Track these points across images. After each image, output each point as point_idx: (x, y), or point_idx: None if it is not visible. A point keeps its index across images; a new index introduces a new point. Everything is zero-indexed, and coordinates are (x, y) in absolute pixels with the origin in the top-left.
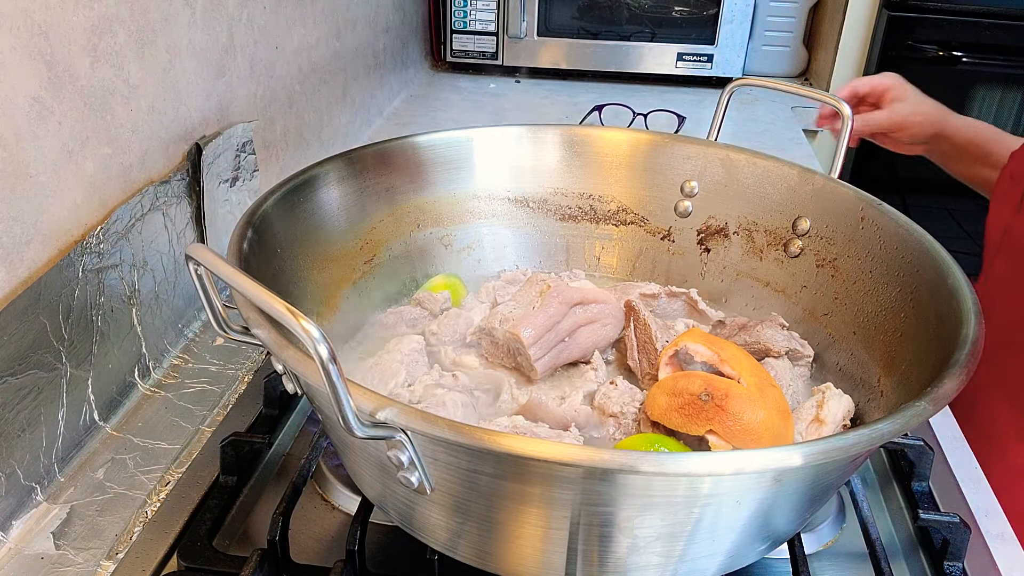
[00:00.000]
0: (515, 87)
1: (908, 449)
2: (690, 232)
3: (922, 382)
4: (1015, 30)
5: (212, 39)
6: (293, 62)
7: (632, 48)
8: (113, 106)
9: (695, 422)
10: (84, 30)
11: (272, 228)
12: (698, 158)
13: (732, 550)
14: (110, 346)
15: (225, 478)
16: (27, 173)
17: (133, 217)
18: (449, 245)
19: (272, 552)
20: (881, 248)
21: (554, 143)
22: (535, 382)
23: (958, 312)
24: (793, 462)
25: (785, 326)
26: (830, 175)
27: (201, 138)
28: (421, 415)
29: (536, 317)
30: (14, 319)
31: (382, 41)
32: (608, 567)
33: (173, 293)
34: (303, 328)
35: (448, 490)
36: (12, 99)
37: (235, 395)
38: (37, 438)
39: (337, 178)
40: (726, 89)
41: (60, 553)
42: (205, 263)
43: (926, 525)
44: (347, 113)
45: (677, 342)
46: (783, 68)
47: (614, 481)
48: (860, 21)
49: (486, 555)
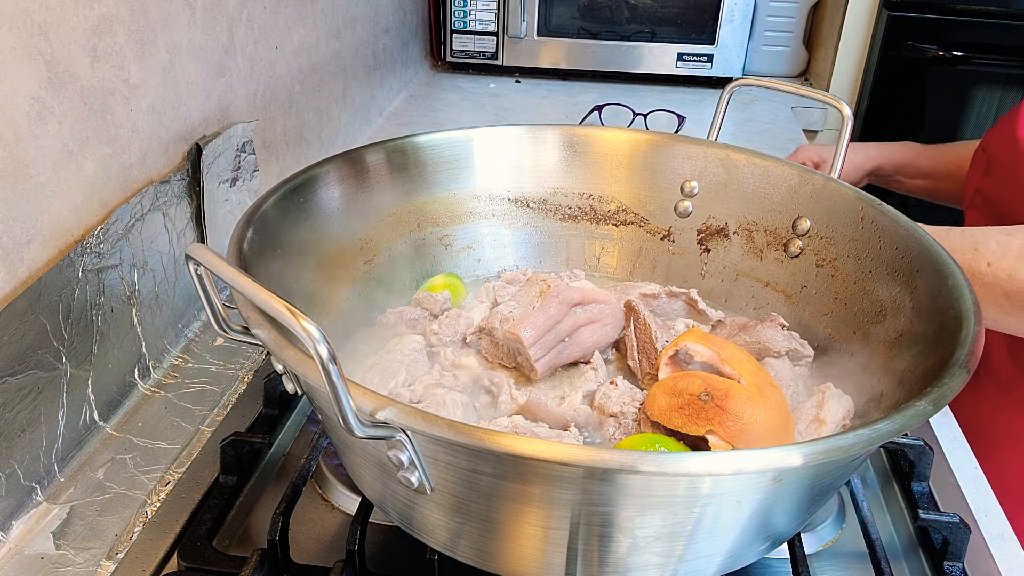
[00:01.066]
0: (515, 87)
1: (908, 449)
2: (690, 232)
3: (922, 382)
4: (1015, 30)
5: (212, 39)
6: (293, 62)
7: (632, 48)
8: (113, 106)
9: (695, 422)
10: (84, 30)
11: (272, 228)
12: (698, 158)
13: (732, 550)
14: (110, 346)
15: (225, 478)
16: (27, 173)
17: (133, 217)
18: (449, 245)
19: (272, 552)
20: (881, 248)
21: (554, 143)
22: (535, 382)
23: (958, 312)
24: (793, 462)
25: (785, 326)
26: (830, 175)
27: (201, 138)
28: (421, 415)
29: (536, 317)
30: (14, 319)
31: (382, 41)
32: (608, 567)
33: (173, 293)
34: (303, 328)
35: (448, 490)
36: (12, 99)
37: (235, 395)
38: (37, 438)
39: (337, 178)
40: (726, 89)
41: (60, 553)
42: (205, 263)
43: (926, 525)
44: (347, 113)
45: (677, 342)
46: (783, 68)
47: (614, 481)
48: (860, 21)
49: (486, 555)
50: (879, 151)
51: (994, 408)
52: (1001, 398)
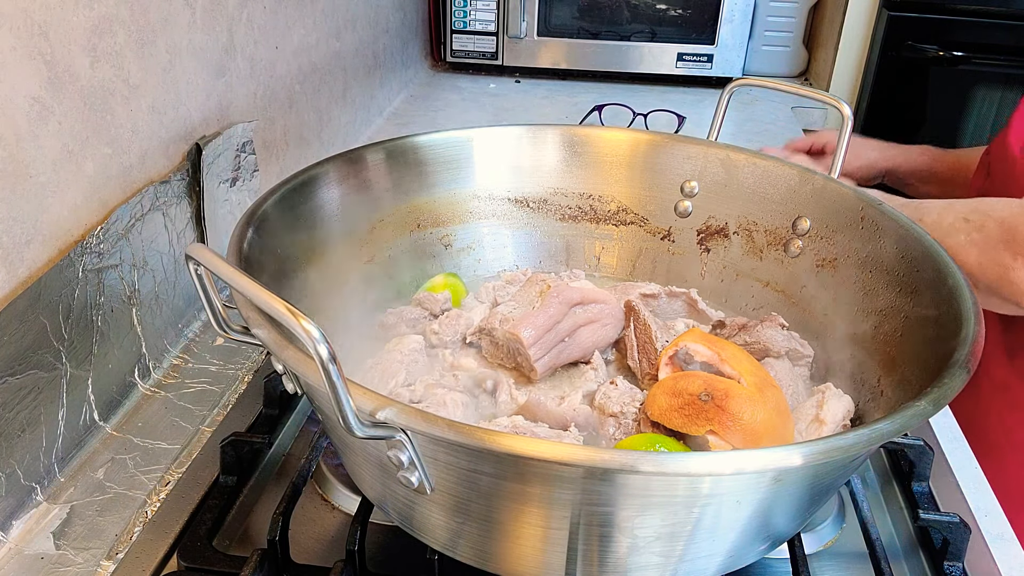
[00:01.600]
0: (515, 87)
1: (908, 449)
2: (690, 232)
3: (922, 382)
4: (1015, 30)
5: (212, 39)
6: (293, 62)
7: (632, 48)
8: (113, 106)
9: (695, 422)
10: (84, 30)
11: (272, 228)
12: (698, 158)
13: (732, 550)
14: (110, 346)
15: (225, 478)
16: (27, 173)
17: (133, 217)
18: (449, 245)
19: (272, 552)
20: (881, 248)
21: (554, 143)
22: (535, 382)
23: (958, 312)
24: (793, 462)
25: (785, 326)
26: (830, 175)
27: (201, 138)
28: (421, 415)
29: (536, 317)
30: (14, 319)
31: (382, 41)
32: (608, 567)
33: (173, 293)
34: (303, 328)
35: (448, 490)
36: (12, 99)
37: (235, 395)
38: (37, 438)
39: (337, 178)
40: (726, 89)
41: (60, 553)
42: (205, 263)
43: (926, 525)
44: (347, 113)
45: (677, 342)
46: (783, 68)
47: (614, 481)
48: (860, 21)
49: (486, 555)
50: (897, 152)
51: (990, 409)
52: (997, 399)
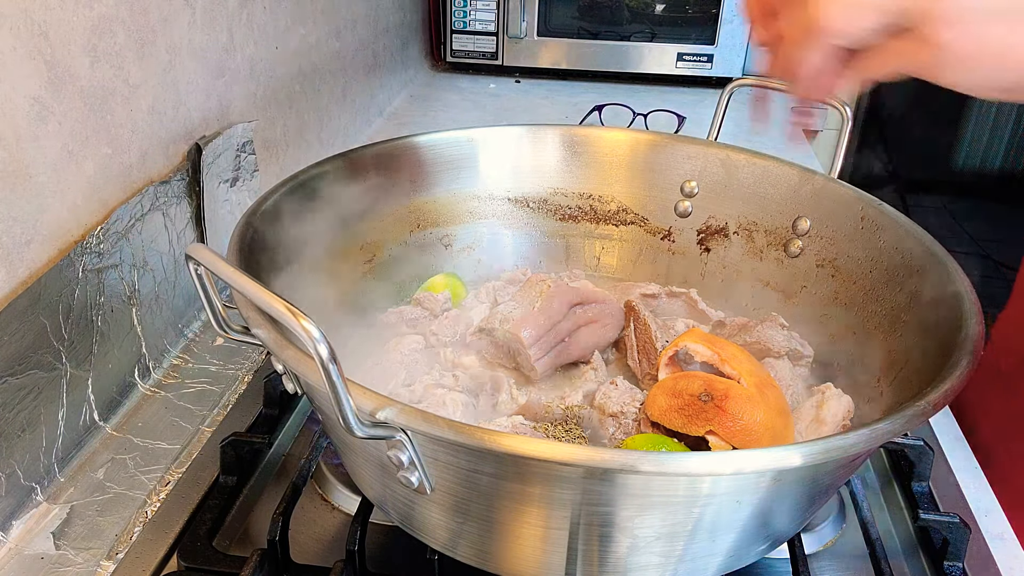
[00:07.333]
0: (515, 87)
1: (908, 449)
2: (690, 232)
3: (922, 382)
4: None
5: (212, 39)
6: (293, 62)
7: (632, 48)
8: (113, 106)
9: (695, 422)
10: (84, 30)
11: (272, 228)
12: (698, 158)
13: (732, 550)
14: (110, 346)
15: (225, 478)
16: (27, 173)
17: (133, 217)
18: (449, 245)
19: (272, 552)
20: (881, 248)
21: (554, 143)
22: (535, 382)
23: (958, 313)
24: (793, 462)
25: (785, 326)
26: (830, 175)
27: (201, 138)
28: (421, 415)
29: (536, 317)
30: (14, 319)
31: (382, 41)
32: (608, 567)
33: (173, 293)
34: (303, 328)
35: (448, 490)
36: (12, 99)
37: (235, 395)
38: (37, 438)
39: (337, 178)
40: (726, 89)
41: (60, 553)
42: (205, 263)
43: (926, 525)
44: (347, 113)
45: (677, 342)
46: None
47: (614, 481)
48: None
49: (486, 555)
50: None
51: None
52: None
